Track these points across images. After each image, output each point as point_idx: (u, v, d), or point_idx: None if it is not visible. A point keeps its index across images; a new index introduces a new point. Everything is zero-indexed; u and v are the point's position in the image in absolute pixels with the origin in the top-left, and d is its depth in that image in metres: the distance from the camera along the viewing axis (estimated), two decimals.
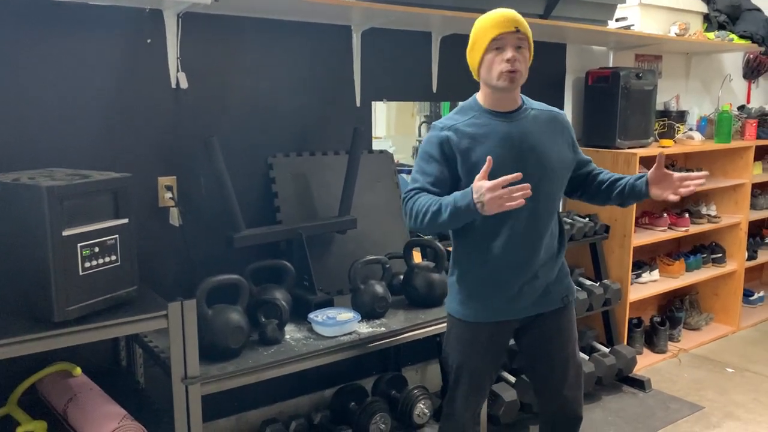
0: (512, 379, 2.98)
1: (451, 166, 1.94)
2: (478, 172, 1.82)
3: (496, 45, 1.89)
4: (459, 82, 3.14)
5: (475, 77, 2.01)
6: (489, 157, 1.79)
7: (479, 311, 2.02)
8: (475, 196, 1.76)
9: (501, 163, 1.88)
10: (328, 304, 2.47)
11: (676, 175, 1.98)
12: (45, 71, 2.15)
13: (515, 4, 2.80)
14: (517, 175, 1.75)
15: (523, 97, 2.05)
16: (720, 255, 4.22)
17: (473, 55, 1.96)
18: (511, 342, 2.17)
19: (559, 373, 2.09)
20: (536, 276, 2.00)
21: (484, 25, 1.92)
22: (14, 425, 1.90)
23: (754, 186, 4.33)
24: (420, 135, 4.76)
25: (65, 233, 1.68)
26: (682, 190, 1.96)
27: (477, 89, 2.03)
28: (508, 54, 1.88)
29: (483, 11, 1.96)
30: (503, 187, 1.72)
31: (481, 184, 1.75)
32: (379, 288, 2.47)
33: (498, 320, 2.03)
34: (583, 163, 2.15)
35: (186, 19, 2.36)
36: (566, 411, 2.12)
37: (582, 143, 3.74)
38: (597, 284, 3.44)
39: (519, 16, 1.92)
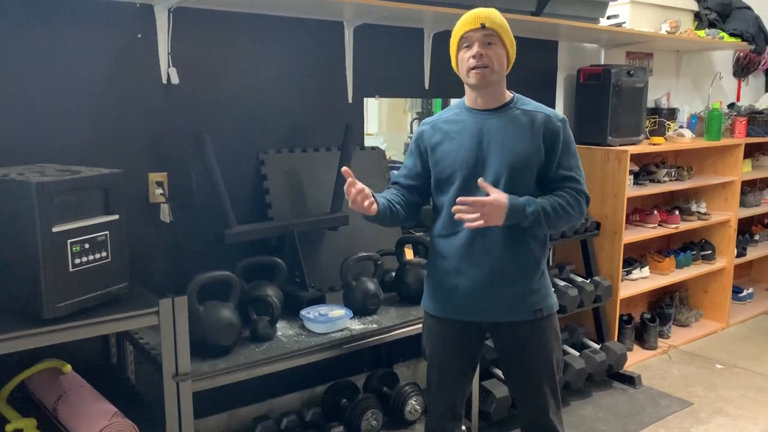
0: (503, 375, 2.98)
1: (424, 160, 2.06)
2: (440, 168, 1.99)
3: (465, 43, 1.94)
4: (451, 78, 3.12)
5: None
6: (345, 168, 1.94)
7: (443, 306, 2.06)
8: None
9: (463, 160, 1.96)
10: (320, 300, 2.46)
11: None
12: (34, 66, 2.13)
13: (506, 2, 2.82)
14: (347, 173, 1.91)
15: (519, 97, 2.03)
16: (710, 252, 4.25)
17: (451, 55, 2.01)
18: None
19: (532, 382, 2.05)
20: (500, 281, 1.97)
21: (456, 26, 1.97)
22: (3, 423, 1.89)
23: (744, 183, 4.36)
24: (411, 131, 4.77)
25: (55, 229, 1.67)
26: None
27: None
28: (473, 50, 1.91)
29: (474, 8, 1.96)
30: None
31: (346, 193, 1.94)
32: (371, 285, 2.47)
33: (464, 319, 2.03)
34: (556, 178, 1.98)
35: (177, 13, 2.34)
36: (539, 420, 2.08)
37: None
38: (588, 281, 3.46)
39: (491, 14, 1.92)
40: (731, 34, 4.26)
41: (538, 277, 2.02)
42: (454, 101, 2.09)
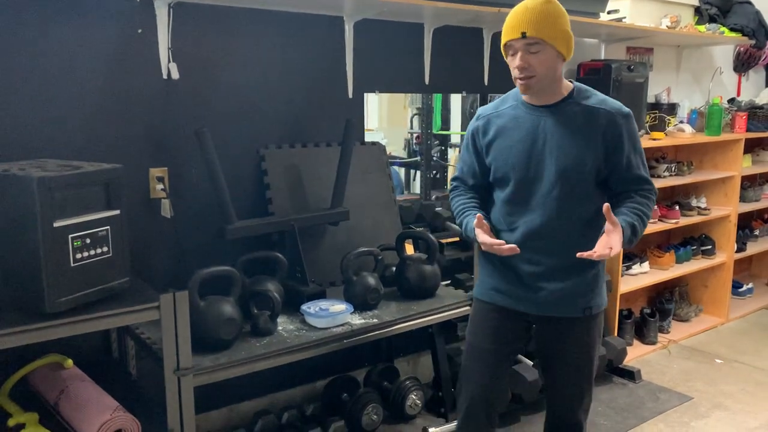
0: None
1: (482, 159, 2.03)
2: (494, 167, 1.97)
3: (510, 51, 1.88)
4: (451, 74, 3.14)
5: None
6: (479, 215, 1.91)
7: (490, 292, 2.05)
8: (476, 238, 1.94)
9: (516, 161, 1.91)
10: (321, 295, 2.47)
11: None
12: (34, 62, 2.13)
13: None
14: (513, 247, 1.86)
15: (580, 88, 1.96)
16: (710, 247, 4.25)
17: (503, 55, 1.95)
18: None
19: (570, 379, 2.04)
20: (552, 277, 1.94)
21: (503, 28, 1.89)
22: (6, 417, 1.90)
23: (744, 178, 4.36)
24: (412, 127, 4.76)
25: (56, 224, 1.67)
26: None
27: (467, 81, 2.02)
28: (516, 62, 1.85)
29: (473, 3, 1.94)
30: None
31: (478, 235, 1.91)
32: (372, 279, 2.47)
33: (509, 307, 2.01)
34: (627, 179, 1.93)
35: (177, 8, 2.34)
36: (569, 417, 2.08)
37: None
38: None
39: (533, 17, 1.80)
40: (732, 29, 4.26)
41: (592, 275, 1.98)
42: (510, 91, 1.98)
